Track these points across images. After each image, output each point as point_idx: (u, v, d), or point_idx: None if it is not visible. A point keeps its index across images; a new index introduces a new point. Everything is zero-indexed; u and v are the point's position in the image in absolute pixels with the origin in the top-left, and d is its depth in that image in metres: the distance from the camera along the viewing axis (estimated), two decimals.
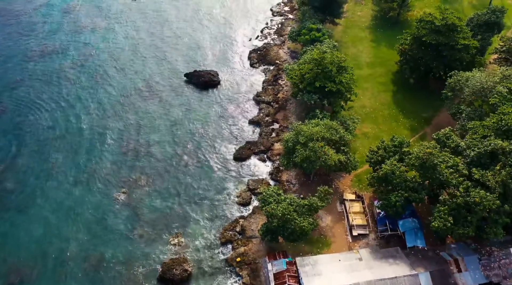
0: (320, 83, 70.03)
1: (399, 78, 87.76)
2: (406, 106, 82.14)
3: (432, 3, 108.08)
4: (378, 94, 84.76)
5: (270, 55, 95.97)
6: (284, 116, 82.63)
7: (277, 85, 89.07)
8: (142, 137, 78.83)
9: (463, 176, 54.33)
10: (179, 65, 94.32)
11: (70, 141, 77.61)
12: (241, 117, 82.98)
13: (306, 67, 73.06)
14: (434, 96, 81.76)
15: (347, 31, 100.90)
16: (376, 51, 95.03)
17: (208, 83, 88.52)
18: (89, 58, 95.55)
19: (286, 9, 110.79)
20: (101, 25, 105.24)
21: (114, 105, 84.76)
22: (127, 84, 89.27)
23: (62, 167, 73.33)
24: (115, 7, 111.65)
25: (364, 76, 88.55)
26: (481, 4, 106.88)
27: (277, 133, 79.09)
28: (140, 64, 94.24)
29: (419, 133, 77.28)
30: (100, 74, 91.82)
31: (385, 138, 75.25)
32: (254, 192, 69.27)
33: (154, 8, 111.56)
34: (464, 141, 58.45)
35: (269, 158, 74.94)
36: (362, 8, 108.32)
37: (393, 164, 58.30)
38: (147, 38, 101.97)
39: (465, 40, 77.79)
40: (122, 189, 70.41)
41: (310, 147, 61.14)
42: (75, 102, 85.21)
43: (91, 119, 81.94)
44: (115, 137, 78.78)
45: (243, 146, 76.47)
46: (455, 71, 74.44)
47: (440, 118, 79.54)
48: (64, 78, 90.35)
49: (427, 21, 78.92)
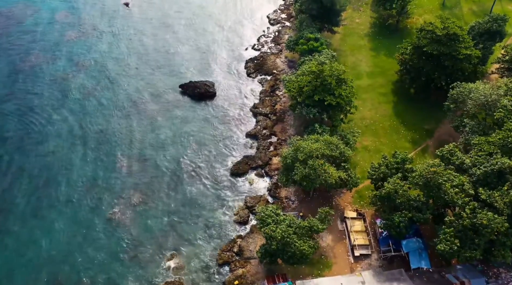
0: (319, 96, 67.87)
1: (399, 88, 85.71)
2: (407, 118, 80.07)
3: (431, 9, 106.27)
4: (378, 105, 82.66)
5: (267, 65, 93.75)
6: (282, 128, 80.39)
7: (274, 96, 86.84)
8: (135, 152, 76.35)
9: (469, 196, 52.27)
10: (174, 75, 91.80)
11: (61, 157, 74.96)
12: (238, 130, 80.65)
13: (305, 79, 70.87)
14: (436, 107, 79.74)
15: (346, 39, 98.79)
16: (375, 60, 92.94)
17: (203, 94, 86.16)
18: (81, 69, 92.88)
19: (283, 16, 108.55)
20: (93, 34, 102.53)
21: (107, 119, 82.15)
22: (120, 96, 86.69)
23: (52, 185, 70.70)
24: (107, 15, 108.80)
25: (363, 86, 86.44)
26: (482, 11, 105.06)
27: (275, 147, 76.85)
28: (133, 75, 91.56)
29: (421, 146, 75.23)
30: (92, 85, 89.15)
31: (386, 151, 73.77)
32: (252, 210, 67.02)
33: (147, 17, 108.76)
34: (469, 158, 56.41)
35: (267, 173, 72.69)
36: (361, 15, 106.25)
37: (396, 182, 56.20)
38: (140, 47, 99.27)
39: (467, 50, 75.78)
40: (115, 207, 67.99)
41: (310, 165, 58.90)
42: (66, 116, 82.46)
43: (83, 133, 79.31)
44: (108, 152, 76.19)
45: (240, 161, 74.16)
46: (457, 83, 72.51)
47: (442, 130, 77.54)
48: (55, 91, 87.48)
49: (428, 31, 76.91)
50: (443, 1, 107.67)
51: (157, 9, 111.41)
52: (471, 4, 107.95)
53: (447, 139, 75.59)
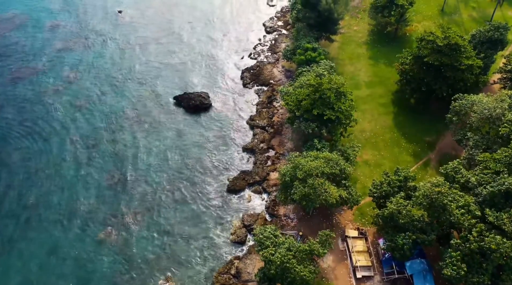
0: (318, 110, 65.62)
1: (399, 99, 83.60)
2: (408, 129, 77.93)
3: (430, 16, 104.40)
4: (378, 117, 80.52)
5: (264, 74, 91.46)
6: (279, 142, 78.12)
7: (271, 107, 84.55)
8: (128, 169, 73.77)
9: (476, 218, 50.15)
10: (168, 87, 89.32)
11: (51, 174, 72.43)
12: (234, 143, 78.26)
13: (303, 92, 68.59)
14: (437, 118, 77.87)
15: (344, 48, 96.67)
16: (374, 69, 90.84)
17: (198, 106, 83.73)
18: (73, 81, 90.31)
19: (280, 24, 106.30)
20: (85, 43, 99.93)
21: (98, 133, 79.58)
22: (112, 109, 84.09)
23: (42, 204, 68.13)
24: (99, 24, 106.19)
25: (363, 96, 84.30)
26: (482, 17, 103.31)
27: (272, 161, 74.53)
28: (126, 87, 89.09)
29: (422, 159, 73.11)
30: (83, 98, 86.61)
31: (387, 166, 71.90)
32: (249, 229, 64.67)
33: (140, 25, 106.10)
34: (475, 176, 54.28)
35: (264, 190, 70.35)
36: (359, 22, 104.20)
37: (399, 202, 54.01)
38: (133, 57, 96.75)
39: (468, 60, 73.83)
40: (107, 227, 65.41)
41: (309, 184, 56.66)
42: (57, 131, 79.90)
43: (74, 149, 76.71)
44: (100, 168, 73.66)
45: (237, 177, 71.78)
46: (459, 95, 70.54)
47: (444, 142, 75.47)
48: (46, 104, 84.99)
49: (429, 41, 74.89)
50: (442, 7, 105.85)
51: (150, 18, 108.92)
52: (471, 10, 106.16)
53: (449, 152, 73.77)
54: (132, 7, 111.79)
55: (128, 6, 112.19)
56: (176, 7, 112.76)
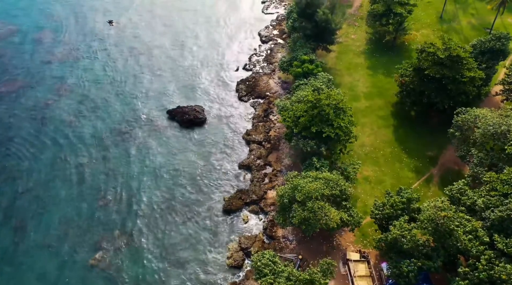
0: (316, 128, 63.17)
1: (399, 111, 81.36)
2: (409, 144, 75.67)
3: (429, 24, 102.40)
4: (378, 130, 78.22)
5: (260, 86, 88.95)
6: (277, 157, 75.62)
7: (268, 121, 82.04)
8: (120, 187, 70.99)
9: (484, 244, 47.86)
10: (161, 100, 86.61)
11: (39, 195, 69.47)
12: (230, 160, 75.65)
13: (300, 108, 66.16)
14: (438, 131, 75.78)
15: (341, 57, 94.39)
16: (373, 80, 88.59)
17: (193, 121, 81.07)
18: (63, 95, 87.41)
19: (275, 32, 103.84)
20: (75, 55, 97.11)
21: (89, 150, 76.68)
22: (104, 124, 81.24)
23: (29, 227, 65.17)
24: (90, 35, 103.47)
25: (361, 109, 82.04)
26: (481, 24, 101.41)
27: (270, 179, 72.00)
28: (118, 101, 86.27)
29: (425, 175, 70.83)
30: (74, 113, 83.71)
31: (389, 182, 69.71)
32: (247, 252, 62.07)
33: (132, 36, 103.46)
34: (481, 198, 51.98)
35: (262, 209, 67.77)
36: (356, 30, 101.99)
37: (403, 227, 51.65)
38: (125, 69, 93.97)
39: (470, 71, 71.73)
40: (98, 252, 62.62)
41: (309, 207, 54.19)
42: (46, 148, 76.97)
43: (64, 167, 73.83)
44: (91, 188, 70.79)
45: (233, 196, 69.16)
46: (461, 109, 68.42)
47: (447, 157, 73.27)
48: (35, 120, 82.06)
49: (429, 53, 72.72)
50: (440, 15, 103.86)
51: (142, 28, 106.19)
52: (470, 17, 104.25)
53: (452, 167, 71.62)
54: (124, 17, 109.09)
55: (120, 16, 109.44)
56: (168, 17, 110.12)
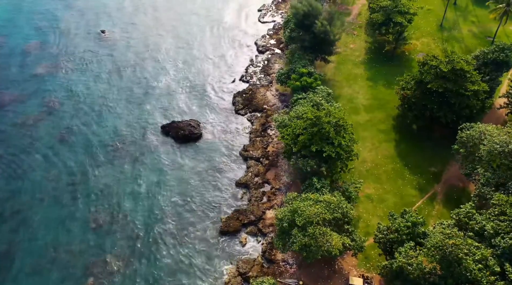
0: (316, 147, 60.72)
1: (400, 124, 79.04)
2: (411, 159, 73.35)
3: (429, 32, 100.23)
4: (379, 145, 75.86)
5: (257, 99, 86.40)
6: (275, 175, 73.10)
7: (266, 136, 79.51)
8: (113, 208, 68.16)
9: (495, 274, 45.55)
10: (155, 115, 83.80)
11: (28, 217, 66.49)
12: (227, 178, 73.00)
13: (299, 125, 63.67)
14: (441, 146, 73.60)
15: (340, 68, 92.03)
16: (373, 91, 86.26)
17: (188, 136, 78.40)
18: (53, 109, 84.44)
19: (272, 42, 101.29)
20: (66, 67, 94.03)
21: (80, 168, 73.77)
22: (96, 141, 78.29)
23: (16, 252, 62.22)
24: (82, 45, 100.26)
25: (362, 122, 79.69)
26: (482, 32, 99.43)
27: (268, 198, 69.48)
28: (110, 115, 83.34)
29: (428, 193, 68.52)
30: (64, 128, 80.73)
31: (391, 201, 67.46)
32: (245, 277, 59.46)
33: (125, 45, 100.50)
34: (491, 223, 49.63)
35: (260, 231, 65.18)
36: (355, 40, 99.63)
37: (409, 254, 49.26)
38: (118, 82, 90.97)
39: (474, 85, 69.58)
40: (90, 278, 59.78)
41: (310, 233, 51.72)
42: (36, 167, 73.98)
43: (54, 187, 70.90)
44: (82, 209, 67.97)
45: (231, 216, 66.58)
46: (466, 124, 66.25)
47: (450, 173, 71.02)
48: (24, 136, 79.01)
49: (432, 66, 70.50)
50: (441, 23, 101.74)
51: (135, 38, 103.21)
52: (471, 25, 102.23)
53: (456, 184, 69.38)
54: (116, 26, 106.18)
55: (112, 26, 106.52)
56: (161, 26, 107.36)
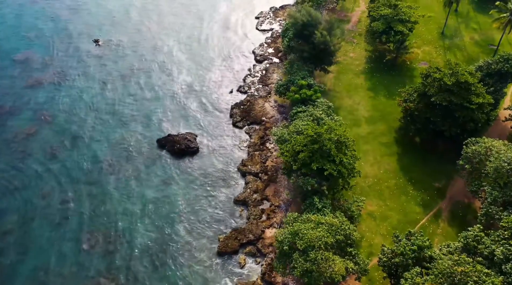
0: (317, 164, 58.48)
1: (403, 137, 76.90)
2: (414, 174, 71.20)
3: (430, 40, 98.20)
4: (381, 159, 73.70)
5: (255, 111, 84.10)
6: (275, 191, 70.83)
7: (264, 149, 77.23)
8: (106, 228, 65.64)
9: None
10: (150, 128, 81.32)
11: (17, 238, 63.87)
12: (225, 194, 70.68)
13: (299, 141, 61.40)
14: (445, 159, 71.70)
15: (340, 77, 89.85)
16: (374, 102, 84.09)
17: (184, 151, 76.06)
18: (45, 123, 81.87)
19: (270, 51, 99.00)
20: (58, 78, 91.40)
21: (73, 185, 71.29)
22: (90, 156, 75.81)
23: (5, 276, 59.56)
24: (75, 55, 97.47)
25: (363, 135, 77.53)
26: (484, 40, 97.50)
27: (267, 216, 67.22)
28: (104, 129, 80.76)
29: (433, 209, 66.37)
30: (57, 143, 78.03)
31: (395, 218, 65.40)
32: None
33: (119, 56, 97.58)
34: (501, 248, 47.44)
35: (259, 251, 62.89)
36: (355, 48, 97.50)
37: (415, 282, 47.04)
38: (112, 94, 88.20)
39: (479, 97, 67.53)
40: None
41: (312, 259, 49.45)
42: (26, 184, 71.42)
43: (45, 205, 68.36)
44: (76, 230, 65.43)
45: (229, 236, 64.27)
46: (471, 139, 64.22)
47: (455, 188, 68.92)
48: (15, 151, 76.40)
49: (435, 78, 68.43)
50: (442, 30, 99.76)
51: (129, 47, 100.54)
52: (472, 32, 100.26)
53: (462, 200, 67.32)
54: (110, 35, 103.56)
55: (106, 34, 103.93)
56: (156, 35, 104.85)
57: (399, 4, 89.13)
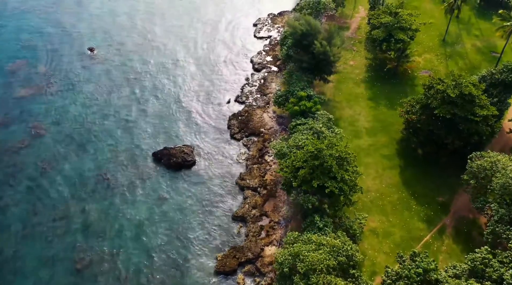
0: (318, 182, 56.52)
1: (405, 149, 75.00)
2: (417, 187, 69.31)
3: (431, 47, 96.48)
4: (383, 172, 71.79)
5: (253, 122, 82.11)
6: (274, 206, 68.84)
7: (263, 162, 75.23)
8: (100, 247, 63.44)
9: None
10: (146, 140, 79.16)
11: (7, 257, 61.46)
12: (223, 210, 68.66)
13: (299, 157, 59.40)
14: (449, 172, 70.01)
15: (340, 87, 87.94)
16: (375, 113, 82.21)
17: (181, 164, 73.99)
18: (38, 135, 79.50)
19: (268, 59, 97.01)
20: (52, 89, 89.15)
21: (66, 202, 68.88)
22: (83, 171, 73.59)
23: None
24: (69, 64, 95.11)
25: (364, 147, 75.62)
26: (486, 47, 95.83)
27: (267, 232, 65.18)
28: (98, 142, 78.48)
29: (437, 225, 64.46)
30: (50, 157, 75.75)
31: (398, 235, 63.44)
32: None
33: (115, 65, 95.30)
34: (510, 272, 45.59)
35: (258, 270, 60.78)
36: (355, 56, 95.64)
37: None
38: (106, 105, 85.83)
39: (483, 110, 65.73)
40: None
41: (313, 283, 47.43)
42: (18, 200, 69.06)
43: (37, 223, 66.04)
44: (67, 247, 63.19)
45: (227, 254, 62.20)
46: (476, 153, 62.45)
47: (459, 203, 67.04)
48: (5, 166, 74.08)
49: (438, 90, 66.60)
50: (443, 37, 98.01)
51: (124, 56, 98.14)
52: (474, 39, 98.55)
53: (466, 216, 65.44)
54: (105, 44, 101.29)
55: (100, 43, 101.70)
56: (153, 42, 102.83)
57: (400, 12, 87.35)
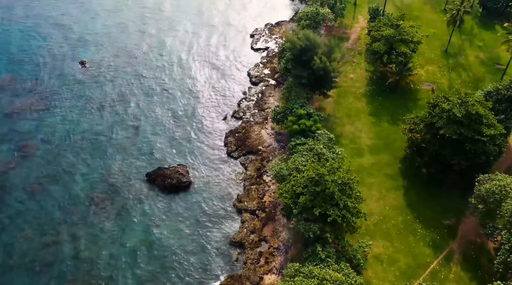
0: (320, 210, 53.66)
1: (409, 169, 71.99)
2: (422, 210, 66.56)
3: (433, 59, 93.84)
4: (386, 194, 68.97)
5: (251, 139, 79.18)
6: (273, 230, 65.91)
7: (261, 183, 72.30)
8: (90, 277, 60.24)
9: None
10: (139, 160, 75.92)
11: None
12: (220, 235, 65.65)
13: (299, 181, 56.47)
14: (455, 194, 67.46)
15: (340, 102, 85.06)
16: (377, 129, 79.38)
17: (176, 186, 70.94)
18: (26, 155, 76.28)
19: (266, 72, 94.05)
20: (42, 105, 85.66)
21: (56, 227, 65.95)
22: (73, 193, 70.42)
23: None
24: (60, 79, 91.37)
25: (366, 166, 72.79)
26: (490, 58, 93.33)
27: (266, 259, 62.21)
28: (89, 162, 75.27)
29: (443, 251, 61.64)
30: (38, 178, 72.66)
31: (403, 262, 60.74)
32: None
33: (107, 80, 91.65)
34: None
35: None
36: (355, 68, 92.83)
37: None
38: (98, 122, 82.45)
39: (490, 129, 63.08)
40: None
41: None
42: (4, 226, 66.00)
43: (25, 250, 63.01)
44: (56, 277, 60.15)
45: (224, 283, 59.18)
46: (483, 176, 59.82)
47: (467, 226, 64.31)
48: None
49: (443, 109, 63.91)
50: (446, 48, 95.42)
51: (117, 70, 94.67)
52: (477, 50, 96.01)
53: (474, 240, 62.73)
54: (97, 56, 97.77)
55: (93, 55, 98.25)
56: (146, 55, 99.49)
57: (401, 24, 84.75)
